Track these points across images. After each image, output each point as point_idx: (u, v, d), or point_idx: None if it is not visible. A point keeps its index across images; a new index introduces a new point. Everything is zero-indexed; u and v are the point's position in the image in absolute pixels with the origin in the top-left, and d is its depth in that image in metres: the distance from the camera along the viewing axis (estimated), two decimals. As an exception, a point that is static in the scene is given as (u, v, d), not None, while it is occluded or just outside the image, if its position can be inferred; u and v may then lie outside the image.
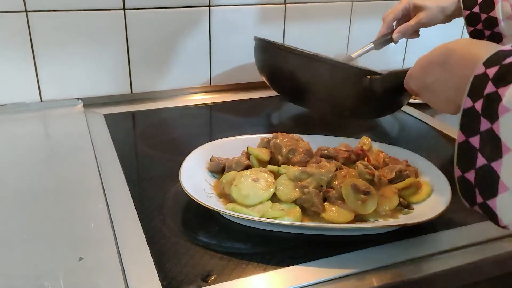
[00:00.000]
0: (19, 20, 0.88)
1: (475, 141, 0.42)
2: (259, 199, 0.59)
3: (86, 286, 0.48)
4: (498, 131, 0.39)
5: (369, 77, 0.81)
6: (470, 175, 0.43)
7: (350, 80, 0.82)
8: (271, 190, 0.60)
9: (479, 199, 0.42)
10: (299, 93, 0.88)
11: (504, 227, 0.42)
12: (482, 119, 0.41)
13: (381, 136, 0.90)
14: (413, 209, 0.61)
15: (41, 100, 0.95)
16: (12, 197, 0.64)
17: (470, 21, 0.85)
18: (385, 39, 0.97)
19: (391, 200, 0.61)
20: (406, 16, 0.95)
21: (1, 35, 0.88)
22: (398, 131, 0.95)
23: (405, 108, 1.02)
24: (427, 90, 0.59)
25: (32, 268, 0.50)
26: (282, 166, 0.65)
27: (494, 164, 0.40)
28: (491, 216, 0.42)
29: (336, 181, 0.62)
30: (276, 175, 0.64)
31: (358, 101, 0.84)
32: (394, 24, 0.97)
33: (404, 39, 1.26)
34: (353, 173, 0.64)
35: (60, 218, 0.60)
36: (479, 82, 0.41)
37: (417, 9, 0.92)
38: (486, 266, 0.55)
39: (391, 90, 0.78)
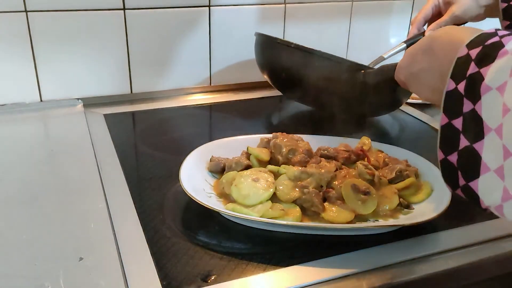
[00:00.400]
0: (19, 20, 0.88)
1: (458, 123, 0.42)
2: (259, 199, 0.59)
3: (86, 286, 0.48)
4: (480, 111, 0.39)
5: (362, 71, 0.81)
6: (453, 158, 0.43)
7: (345, 74, 0.83)
8: (271, 190, 0.60)
9: (462, 182, 0.43)
10: (297, 88, 0.89)
11: (486, 209, 0.42)
12: (465, 100, 0.41)
13: (381, 136, 0.90)
14: (413, 209, 0.61)
15: (41, 100, 0.95)
16: (12, 197, 0.64)
17: (507, 14, 0.79)
18: (417, 39, 0.92)
19: (391, 200, 0.61)
20: (436, 15, 0.89)
21: (1, 35, 0.88)
22: (398, 131, 0.95)
23: (405, 108, 1.02)
24: (414, 79, 0.58)
25: (32, 268, 0.50)
26: (282, 166, 0.65)
27: (476, 145, 0.40)
28: (473, 198, 0.42)
29: (336, 181, 0.62)
30: (276, 175, 0.64)
31: (354, 97, 0.85)
32: (425, 26, 0.91)
33: (404, 39, 1.27)
34: (353, 173, 0.64)
35: (60, 218, 0.60)
36: (462, 64, 0.41)
37: (447, 3, 0.86)
38: (486, 266, 0.55)
39: (385, 84, 0.79)
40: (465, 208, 0.65)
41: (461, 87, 0.41)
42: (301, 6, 1.10)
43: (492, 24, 0.87)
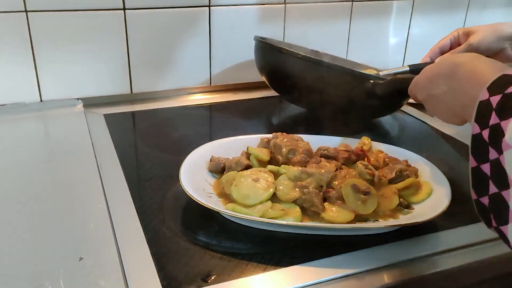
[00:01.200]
0: (19, 20, 0.88)
1: (486, 168, 0.42)
2: (259, 199, 0.59)
3: (86, 286, 0.48)
4: (504, 164, 0.39)
5: (371, 81, 0.81)
6: (485, 200, 0.43)
7: (352, 84, 0.82)
8: (271, 190, 0.60)
9: (494, 224, 0.43)
10: (300, 94, 0.89)
11: None
12: (490, 149, 0.41)
13: (381, 136, 0.90)
14: (413, 209, 0.61)
15: (41, 100, 0.95)
16: (12, 197, 0.64)
17: None
18: (423, 66, 0.87)
19: (391, 200, 0.61)
20: (455, 47, 0.88)
21: (1, 35, 0.88)
22: (398, 131, 0.95)
23: (405, 108, 1.02)
24: (433, 101, 0.59)
25: (32, 268, 0.50)
26: (282, 166, 0.65)
27: (504, 193, 0.40)
28: (505, 241, 0.42)
29: (336, 181, 0.62)
30: (276, 175, 0.64)
31: (358, 104, 0.85)
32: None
33: (404, 39, 1.27)
34: (353, 173, 0.64)
35: (60, 218, 0.60)
36: (484, 109, 0.42)
37: (466, 35, 0.85)
38: (486, 266, 0.55)
39: (393, 94, 0.79)
40: (465, 208, 0.65)
41: (485, 134, 0.41)
42: (301, 6, 1.10)
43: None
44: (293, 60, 0.86)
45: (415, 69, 0.89)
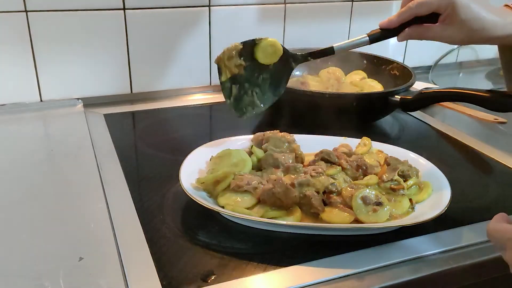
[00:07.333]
0: (19, 20, 0.88)
1: None
2: (251, 203, 0.59)
3: (86, 286, 0.48)
4: None
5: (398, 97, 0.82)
6: None
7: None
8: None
9: None
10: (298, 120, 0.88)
11: None
12: None
13: (381, 136, 0.90)
14: (413, 209, 0.61)
15: (41, 100, 0.95)
16: (12, 197, 0.64)
17: None
18: (383, 34, 0.70)
19: (402, 204, 0.60)
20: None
21: (1, 35, 0.88)
22: (398, 131, 0.95)
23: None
24: None
25: (32, 268, 0.50)
26: None
27: None
28: None
29: (342, 188, 0.62)
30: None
31: (360, 114, 0.86)
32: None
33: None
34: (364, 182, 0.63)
35: (60, 218, 0.60)
36: None
37: (454, 12, 0.61)
38: (486, 266, 0.55)
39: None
40: (465, 208, 0.65)
41: None
42: (301, 6, 1.10)
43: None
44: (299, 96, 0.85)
45: (374, 37, 0.72)
